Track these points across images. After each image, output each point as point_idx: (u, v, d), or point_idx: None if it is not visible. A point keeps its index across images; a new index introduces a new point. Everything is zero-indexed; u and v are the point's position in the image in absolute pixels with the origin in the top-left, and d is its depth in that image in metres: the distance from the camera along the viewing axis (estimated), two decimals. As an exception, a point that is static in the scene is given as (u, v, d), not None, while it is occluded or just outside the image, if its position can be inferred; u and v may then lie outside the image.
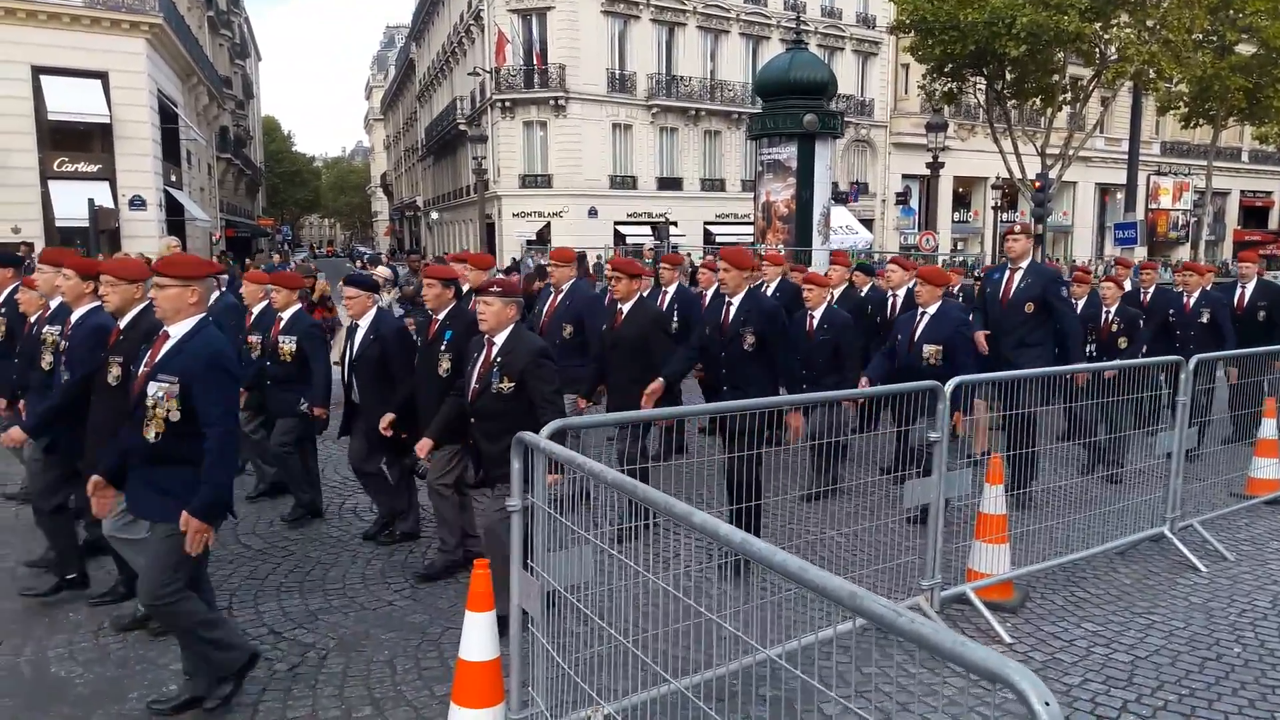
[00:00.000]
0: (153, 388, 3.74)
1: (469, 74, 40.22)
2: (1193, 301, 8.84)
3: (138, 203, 24.66)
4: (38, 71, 22.85)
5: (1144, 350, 8.05)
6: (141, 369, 3.88)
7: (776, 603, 4.19)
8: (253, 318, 6.97)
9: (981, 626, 4.86)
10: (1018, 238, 7.20)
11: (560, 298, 7.07)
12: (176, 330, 3.84)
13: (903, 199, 43.98)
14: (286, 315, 6.63)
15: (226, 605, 5.19)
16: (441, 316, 5.68)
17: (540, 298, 7.75)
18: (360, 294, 6.16)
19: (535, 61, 36.88)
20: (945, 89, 28.28)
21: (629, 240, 34.34)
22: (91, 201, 19.61)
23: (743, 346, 5.70)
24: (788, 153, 17.39)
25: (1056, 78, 27.40)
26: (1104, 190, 49.52)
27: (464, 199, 44.52)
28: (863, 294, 9.01)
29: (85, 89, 23.53)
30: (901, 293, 8.23)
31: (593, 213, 37.03)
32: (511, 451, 3.45)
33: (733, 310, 5.81)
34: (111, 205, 23.15)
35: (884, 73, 44.50)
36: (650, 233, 34.66)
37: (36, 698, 4.12)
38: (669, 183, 39.33)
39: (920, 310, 6.62)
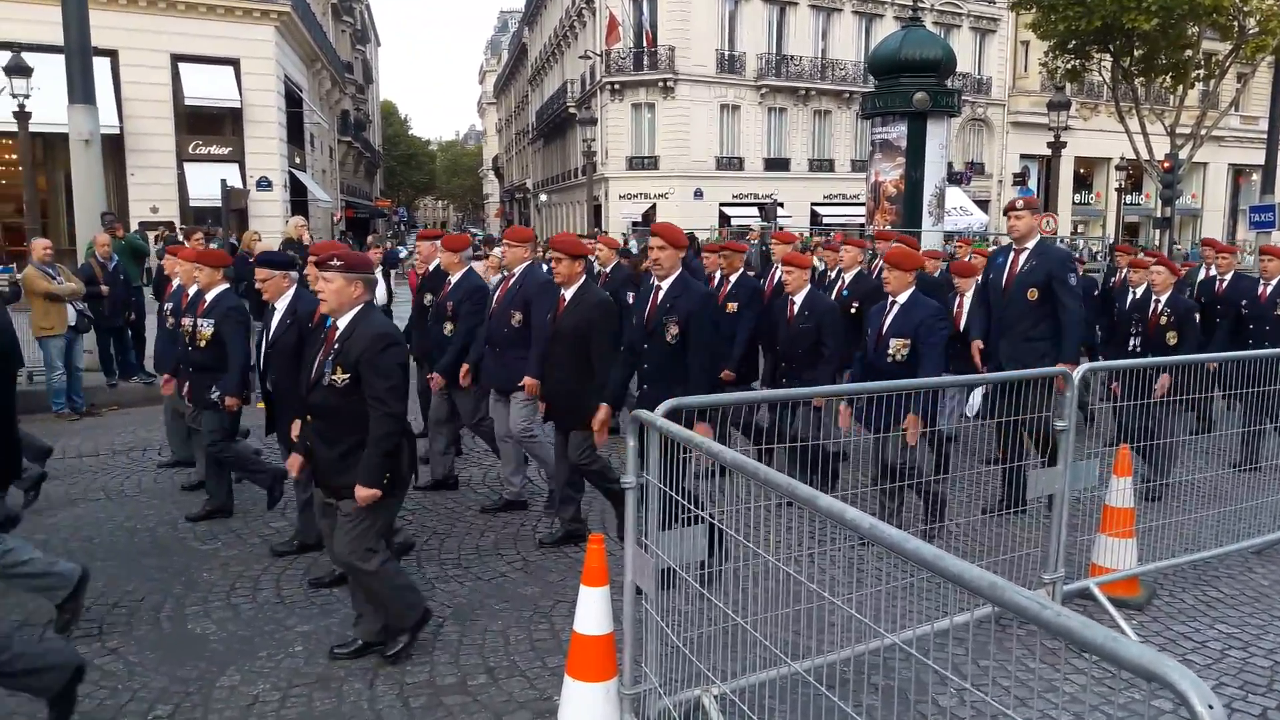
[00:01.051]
0: None
1: (580, 57, 40.57)
2: (1270, 290, 7.84)
3: (264, 184, 25.71)
4: (176, 59, 24.02)
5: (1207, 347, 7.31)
6: None
7: (889, 592, 4.12)
8: (188, 300, 6.47)
9: (1106, 624, 4.68)
10: (1020, 214, 6.15)
11: (512, 282, 6.30)
12: None
13: (1020, 180, 42.49)
14: (210, 297, 6.03)
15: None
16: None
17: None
18: (274, 274, 5.50)
19: (645, 43, 36.93)
20: (1068, 66, 27.09)
21: (734, 221, 34.13)
22: (224, 182, 20.49)
23: (666, 339, 5.01)
24: (897, 132, 17.04)
25: (1189, 53, 25.90)
26: (1238, 171, 46.89)
27: (572, 181, 44.96)
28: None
29: (218, 75, 24.64)
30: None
31: (698, 194, 36.95)
32: (627, 430, 3.47)
33: (660, 296, 5.09)
34: (240, 186, 24.21)
35: (1003, 50, 43.03)
36: (757, 213, 34.38)
37: (176, 652, 4.36)
38: (776, 163, 38.92)
39: (890, 300, 5.88)
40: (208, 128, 25.45)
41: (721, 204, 37.19)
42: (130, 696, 3.93)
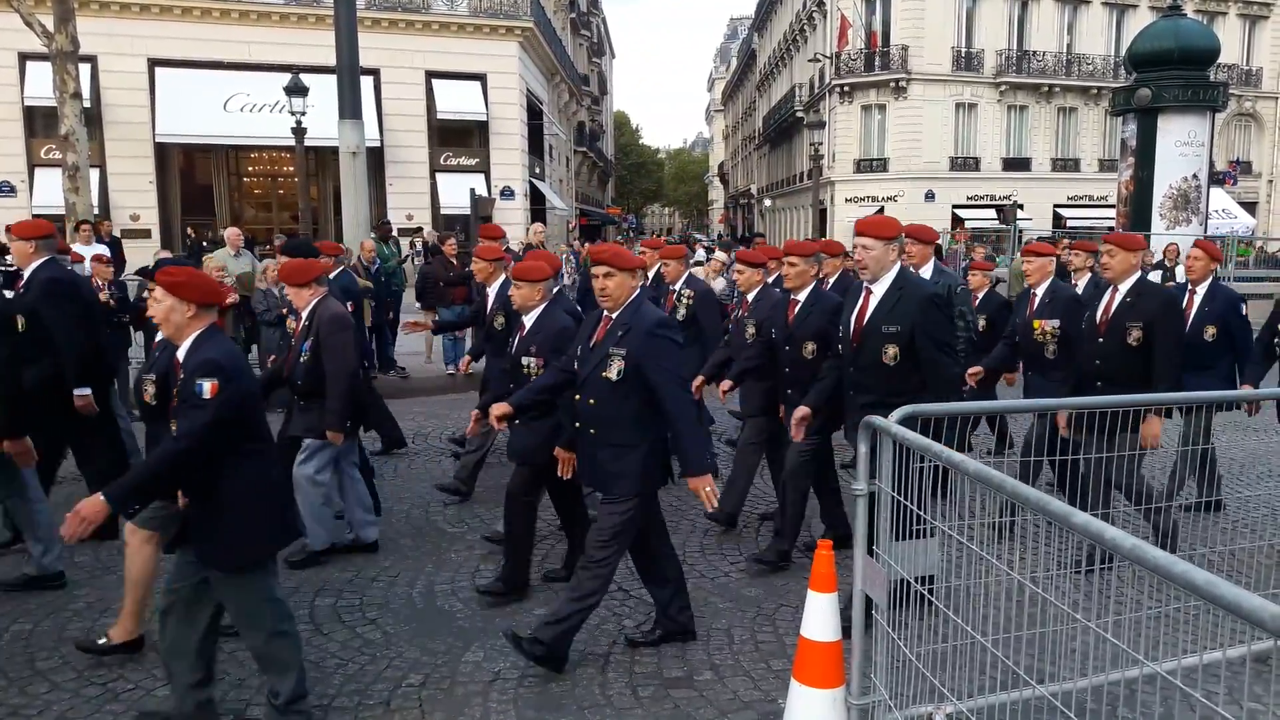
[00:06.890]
0: None
1: (809, 60, 40.22)
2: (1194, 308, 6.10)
3: (508, 193, 27.22)
4: (430, 75, 25.86)
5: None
6: None
7: (1137, 620, 3.84)
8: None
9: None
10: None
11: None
12: None
13: (1295, 180, 38.22)
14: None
15: (581, 562, 5.63)
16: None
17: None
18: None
19: (876, 44, 36.12)
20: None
21: (968, 224, 32.71)
22: (473, 191, 21.86)
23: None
24: (1129, 130, 15.95)
25: None
26: None
27: (796, 185, 44.63)
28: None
29: (467, 90, 26.32)
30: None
31: (930, 196, 35.70)
32: (859, 434, 3.43)
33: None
34: (486, 195, 25.74)
35: (1276, 37, 38.79)
36: (994, 215, 32.87)
37: (427, 626, 4.72)
38: (1015, 163, 36.99)
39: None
40: (457, 140, 27.21)
41: (955, 206, 35.75)
42: (387, 664, 4.29)
